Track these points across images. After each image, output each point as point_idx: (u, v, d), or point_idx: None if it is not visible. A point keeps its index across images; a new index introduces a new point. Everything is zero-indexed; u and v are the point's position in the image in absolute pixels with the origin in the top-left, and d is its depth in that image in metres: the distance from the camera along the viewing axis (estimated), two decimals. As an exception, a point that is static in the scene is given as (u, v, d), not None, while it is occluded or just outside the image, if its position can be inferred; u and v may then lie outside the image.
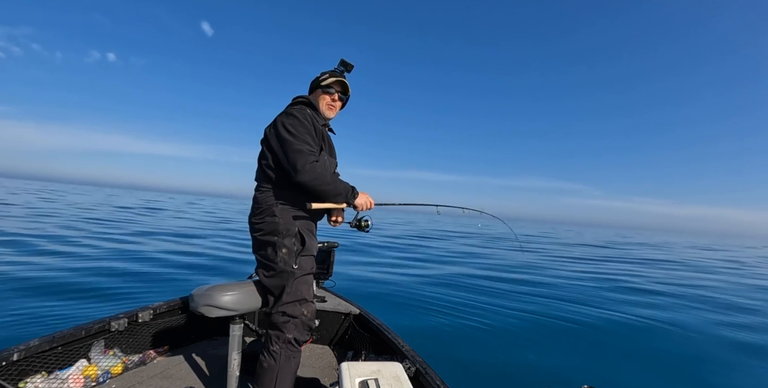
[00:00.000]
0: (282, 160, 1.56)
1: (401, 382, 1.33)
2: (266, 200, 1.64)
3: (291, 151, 1.52)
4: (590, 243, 24.49)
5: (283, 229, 1.60)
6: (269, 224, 1.62)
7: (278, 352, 1.55)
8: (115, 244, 8.91)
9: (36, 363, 1.64)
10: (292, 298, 1.60)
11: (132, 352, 2.07)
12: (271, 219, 1.62)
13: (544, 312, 5.37)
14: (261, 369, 1.55)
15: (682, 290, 8.15)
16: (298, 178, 1.50)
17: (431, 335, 4.15)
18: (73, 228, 11.11)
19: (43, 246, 7.79)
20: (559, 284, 7.74)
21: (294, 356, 1.58)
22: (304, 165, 1.49)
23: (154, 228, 13.14)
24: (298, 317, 1.59)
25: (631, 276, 9.76)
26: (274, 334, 1.58)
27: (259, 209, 1.65)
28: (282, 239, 1.60)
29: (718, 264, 15.03)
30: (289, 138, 1.53)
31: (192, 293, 1.64)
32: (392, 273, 7.78)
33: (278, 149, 1.57)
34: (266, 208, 1.63)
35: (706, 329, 5.02)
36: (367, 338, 2.32)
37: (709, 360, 3.90)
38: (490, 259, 11.68)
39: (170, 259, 7.58)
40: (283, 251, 1.59)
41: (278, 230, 1.60)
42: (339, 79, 1.76)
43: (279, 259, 1.59)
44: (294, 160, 1.50)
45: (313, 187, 1.54)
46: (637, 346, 4.23)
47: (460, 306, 5.45)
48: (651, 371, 3.52)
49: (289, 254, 1.60)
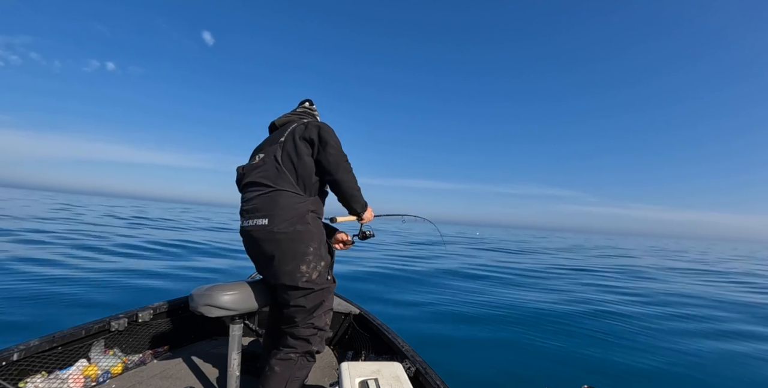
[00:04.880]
0: (322, 157, 1.56)
1: (401, 382, 1.33)
2: (298, 207, 1.54)
3: (334, 153, 1.55)
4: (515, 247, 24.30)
5: (317, 238, 1.56)
6: (304, 234, 1.52)
7: (295, 360, 1.53)
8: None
9: (36, 363, 1.63)
10: (323, 310, 1.59)
11: (132, 352, 2.06)
12: (303, 227, 1.52)
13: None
14: (271, 372, 1.50)
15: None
16: (338, 176, 1.56)
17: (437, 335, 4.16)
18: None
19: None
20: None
21: (308, 366, 1.57)
22: (343, 162, 1.56)
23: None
24: (324, 328, 1.59)
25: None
26: (298, 343, 1.55)
27: (288, 216, 1.51)
28: (318, 250, 1.55)
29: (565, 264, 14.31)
30: (332, 142, 1.57)
31: (192, 293, 1.63)
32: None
33: (319, 147, 1.57)
34: (300, 215, 1.53)
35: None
36: (367, 338, 2.32)
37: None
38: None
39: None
40: (321, 264, 1.56)
41: (314, 239, 1.54)
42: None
43: (317, 273, 1.54)
44: (336, 159, 1.55)
45: (344, 185, 1.59)
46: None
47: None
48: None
49: (326, 267, 1.58)
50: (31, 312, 3.91)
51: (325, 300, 1.59)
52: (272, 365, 1.52)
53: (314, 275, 1.53)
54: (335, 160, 1.55)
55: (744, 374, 3.58)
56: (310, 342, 1.55)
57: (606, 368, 3.52)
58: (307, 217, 1.55)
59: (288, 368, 1.51)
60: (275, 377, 1.50)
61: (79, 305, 4.29)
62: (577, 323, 5.03)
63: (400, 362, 1.53)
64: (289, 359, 1.52)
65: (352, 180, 1.61)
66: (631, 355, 3.90)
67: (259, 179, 1.60)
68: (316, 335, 1.56)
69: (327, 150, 1.55)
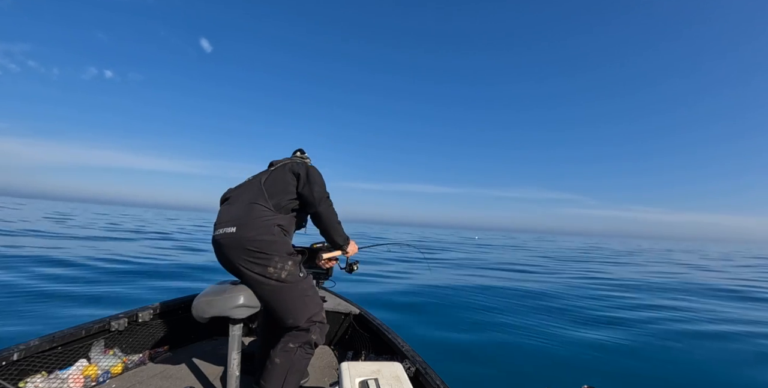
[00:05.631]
0: (306, 191, 1.69)
1: (401, 382, 1.33)
2: (266, 219, 1.60)
3: (318, 189, 1.69)
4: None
5: (283, 250, 1.60)
6: (270, 243, 1.57)
7: (294, 350, 1.56)
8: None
9: (36, 363, 1.63)
10: (310, 300, 1.62)
11: (132, 352, 2.06)
12: (269, 237, 1.58)
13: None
14: (272, 365, 1.54)
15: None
16: (320, 209, 1.68)
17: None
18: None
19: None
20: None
21: (307, 357, 1.60)
22: (325, 199, 1.69)
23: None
24: (319, 319, 1.63)
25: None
26: (296, 334, 1.58)
27: (255, 225, 1.58)
28: (283, 258, 1.58)
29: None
30: (318, 180, 1.72)
31: (194, 302, 1.63)
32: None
33: (305, 182, 1.70)
34: (266, 226, 1.59)
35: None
36: (367, 338, 2.32)
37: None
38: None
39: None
40: (289, 264, 1.59)
41: (278, 250, 1.58)
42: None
43: (285, 272, 1.57)
44: (320, 194, 1.69)
45: (325, 220, 1.72)
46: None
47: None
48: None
49: (295, 266, 1.61)
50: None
51: (307, 292, 1.62)
52: (272, 358, 1.55)
53: (283, 274, 1.56)
54: (319, 195, 1.69)
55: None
56: (308, 331, 1.57)
57: (606, 368, 3.52)
58: (273, 229, 1.59)
59: (288, 359, 1.54)
60: (276, 368, 1.53)
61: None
62: (579, 324, 5.03)
63: (400, 362, 1.53)
64: (289, 350, 1.55)
65: (333, 214, 1.74)
66: (630, 355, 3.90)
67: (237, 195, 1.74)
68: (315, 325, 1.59)
69: (312, 186, 1.69)
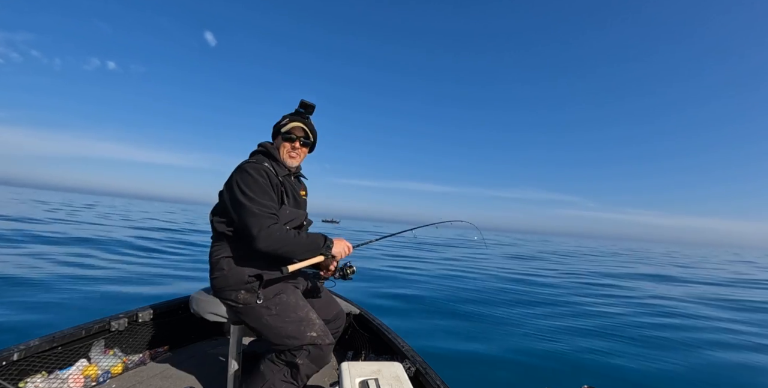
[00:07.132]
0: (238, 225, 1.45)
1: (401, 382, 1.33)
2: (213, 256, 1.54)
3: (246, 216, 1.39)
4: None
5: (231, 283, 1.50)
6: (219, 280, 1.51)
7: (279, 367, 1.46)
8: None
9: (36, 363, 1.64)
10: (284, 321, 1.46)
11: (132, 352, 2.06)
12: (219, 273, 1.51)
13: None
14: (256, 369, 1.51)
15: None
16: (257, 246, 1.38)
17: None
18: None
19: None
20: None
21: (287, 380, 1.46)
22: (260, 231, 1.37)
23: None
24: (311, 342, 1.42)
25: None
26: (283, 351, 1.45)
27: (212, 264, 1.54)
28: (233, 291, 1.50)
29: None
30: (243, 201, 1.40)
31: (191, 296, 1.63)
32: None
33: (233, 213, 1.45)
34: (213, 263, 1.53)
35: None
36: (367, 338, 2.32)
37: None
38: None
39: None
40: (242, 293, 1.49)
41: (225, 286, 1.51)
42: (298, 125, 1.62)
43: (241, 302, 1.49)
44: (250, 226, 1.38)
45: (275, 252, 1.42)
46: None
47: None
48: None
49: (251, 294, 1.49)
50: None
51: (269, 313, 1.47)
52: (258, 364, 1.52)
53: (240, 304, 1.50)
54: (249, 225, 1.38)
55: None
56: (295, 356, 1.43)
57: (606, 368, 3.52)
58: (221, 263, 1.52)
59: (269, 371, 1.47)
60: (257, 375, 1.50)
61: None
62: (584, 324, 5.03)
63: (400, 362, 1.53)
64: (274, 362, 1.47)
65: (276, 242, 1.39)
66: (631, 355, 3.90)
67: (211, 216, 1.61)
68: (300, 349, 1.42)
69: (239, 213, 1.42)
